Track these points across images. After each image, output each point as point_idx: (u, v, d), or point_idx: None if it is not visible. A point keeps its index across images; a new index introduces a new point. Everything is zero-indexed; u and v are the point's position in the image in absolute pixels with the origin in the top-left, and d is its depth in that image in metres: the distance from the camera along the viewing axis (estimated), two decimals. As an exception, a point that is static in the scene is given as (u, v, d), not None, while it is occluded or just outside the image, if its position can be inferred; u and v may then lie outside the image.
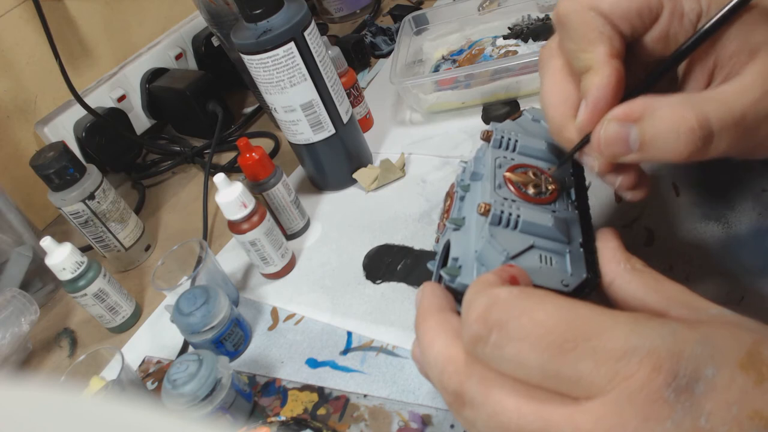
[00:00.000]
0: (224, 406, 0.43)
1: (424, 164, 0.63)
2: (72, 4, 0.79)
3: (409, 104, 0.70)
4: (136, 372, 0.53)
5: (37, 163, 0.59)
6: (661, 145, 0.28)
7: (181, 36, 0.89)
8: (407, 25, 0.76)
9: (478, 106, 0.66)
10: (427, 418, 0.41)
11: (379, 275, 0.53)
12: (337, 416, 0.43)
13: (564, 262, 0.30)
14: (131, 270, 0.67)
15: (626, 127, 0.29)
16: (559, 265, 0.30)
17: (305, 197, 0.65)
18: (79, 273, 0.54)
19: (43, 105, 0.78)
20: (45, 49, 0.72)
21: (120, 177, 0.83)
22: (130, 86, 0.84)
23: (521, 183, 0.33)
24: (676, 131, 0.28)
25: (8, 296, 0.57)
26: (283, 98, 0.56)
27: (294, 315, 0.53)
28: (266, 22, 0.53)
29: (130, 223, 0.66)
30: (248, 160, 0.55)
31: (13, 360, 0.57)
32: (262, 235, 0.53)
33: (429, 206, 0.58)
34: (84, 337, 0.61)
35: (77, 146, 0.78)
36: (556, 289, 0.29)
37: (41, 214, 0.79)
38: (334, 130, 0.59)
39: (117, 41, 0.85)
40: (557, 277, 0.29)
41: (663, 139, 0.28)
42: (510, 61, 0.61)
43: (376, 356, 0.46)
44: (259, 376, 0.48)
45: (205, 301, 0.48)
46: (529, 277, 0.28)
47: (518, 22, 0.73)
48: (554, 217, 0.31)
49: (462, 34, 0.77)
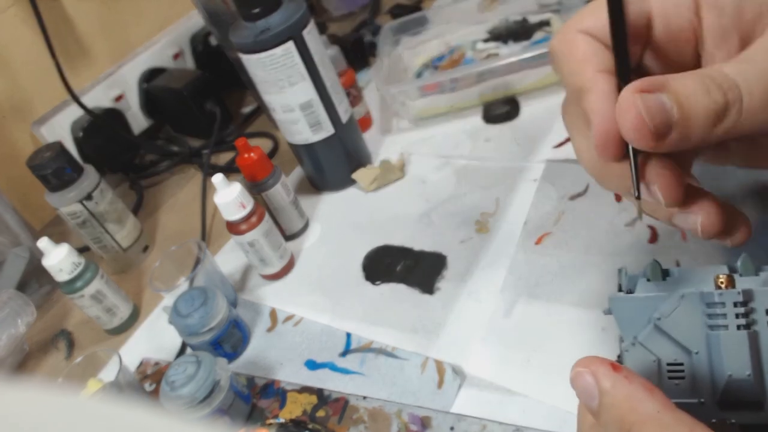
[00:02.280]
0: (222, 408, 0.43)
1: (424, 164, 0.62)
2: (69, 3, 0.79)
3: (395, 111, 0.70)
4: (134, 374, 0.53)
5: (33, 164, 0.58)
6: (698, 108, 0.25)
7: (179, 35, 0.89)
8: (387, 33, 0.76)
9: (472, 107, 0.66)
10: (427, 420, 0.40)
11: (379, 276, 0.53)
12: (337, 418, 0.43)
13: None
14: (129, 271, 0.67)
15: (657, 96, 0.25)
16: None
17: (304, 198, 0.64)
18: (76, 274, 0.53)
19: (39, 105, 0.77)
20: (41, 48, 0.72)
21: (117, 177, 0.82)
22: (127, 86, 0.83)
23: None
24: (705, 88, 0.25)
25: (5, 297, 0.56)
26: (281, 98, 0.56)
27: (293, 316, 0.52)
28: (265, 21, 0.52)
29: (128, 223, 0.65)
30: (247, 160, 0.55)
31: (9, 362, 0.57)
32: (260, 236, 0.53)
33: (429, 207, 0.57)
34: (81, 339, 0.61)
35: (74, 146, 0.77)
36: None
37: (38, 214, 0.79)
38: (333, 130, 0.59)
39: (114, 40, 0.84)
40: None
41: (697, 100, 0.25)
42: (497, 61, 0.61)
43: (375, 358, 0.46)
44: (258, 377, 0.48)
45: (204, 303, 0.48)
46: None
47: (497, 26, 0.74)
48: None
49: (441, 40, 0.77)
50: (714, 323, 0.25)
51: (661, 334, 0.26)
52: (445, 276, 0.50)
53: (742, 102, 0.25)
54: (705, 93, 0.25)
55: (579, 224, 0.49)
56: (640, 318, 0.27)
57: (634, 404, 0.23)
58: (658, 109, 0.25)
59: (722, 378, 0.24)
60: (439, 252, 0.52)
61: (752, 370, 0.24)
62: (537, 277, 0.46)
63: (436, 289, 0.49)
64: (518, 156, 0.58)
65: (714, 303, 0.25)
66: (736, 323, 0.25)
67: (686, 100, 0.25)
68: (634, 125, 0.25)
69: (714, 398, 0.25)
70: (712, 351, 0.25)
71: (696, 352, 0.25)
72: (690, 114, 0.25)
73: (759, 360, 0.24)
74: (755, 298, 0.25)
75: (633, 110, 0.25)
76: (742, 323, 0.25)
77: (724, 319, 0.25)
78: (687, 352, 0.26)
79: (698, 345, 0.25)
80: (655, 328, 0.26)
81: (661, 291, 0.27)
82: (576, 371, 0.25)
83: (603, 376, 0.24)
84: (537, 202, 0.53)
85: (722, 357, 0.24)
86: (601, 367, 0.24)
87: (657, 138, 0.25)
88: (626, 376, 0.24)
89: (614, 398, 0.23)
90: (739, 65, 0.25)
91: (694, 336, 0.25)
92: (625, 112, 0.25)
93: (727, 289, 0.25)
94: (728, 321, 0.25)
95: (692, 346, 0.25)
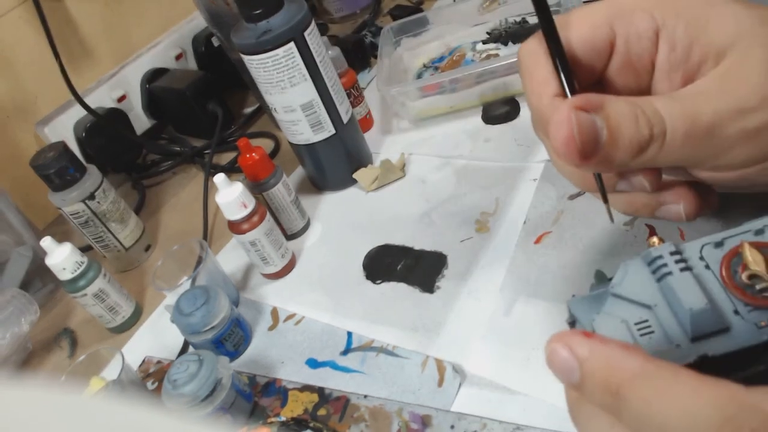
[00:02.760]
0: (224, 407, 0.43)
1: (424, 164, 0.63)
2: (72, 4, 0.79)
3: (395, 111, 0.71)
4: (137, 372, 0.53)
5: (37, 164, 0.59)
6: (625, 135, 0.26)
7: (182, 36, 0.89)
8: (388, 35, 0.76)
9: (472, 108, 0.66)
10: (427, 419, 0.40)
11: (380, 275, 0.53)
12: (338, 417, 0.43)
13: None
14: (131, 270, 0.67)
15: (591, 117, 0.26)
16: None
17: (305, 197, 0.65)
18: (79, 273, 0.54)
19: (43, 105, 0.77)
20: (45, 49, 0.72)
21: (120, 177, 0.83)
22: (130, 86, 0.84)
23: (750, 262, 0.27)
24: (635, 117, 0.26)
25: (8, 296, 0.57)
26: (283, 98, 0.56)
27: (294, 315, 0.53)
28: (266, 23, 0.53)
29: (130, 223, 0.66)
30: (248, 160, 0.55)
31: (12, 360, 0.57)
32: (262, 235, 0.53)
33: (429, 206, 0.58)
34: (84, 338, 0.61)
35: (77, 146, 0.78)
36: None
37: (41, 214, 0.79)
38: (334, 130, 0.59)
39: (117, 41, 0.85)
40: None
41: (626, 127, 0.26)
42: (497, 62, 0.62)
43: (376, 357, 0.46)
44: (260, 376, 0.48)
45: (206, 302, 0.48)
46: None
47: (496, 27, 0.75)
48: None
49: (441, 41, 0.77)
50: (660, 274, 0.27)
51: (620, 300, 0.28)
52: (445, 275, 0.50)
53: (665, 137, 0.26)
54: (634, 122, 0.26)
55: (578, 223, 0.49)
56: (598, 309, 0.29)
57: (616, 364, 0.23)
58: (588, 129, 0.26)
59: (686, 315, 0.26)
60: (440, 251, 0.52)
61: (708, 300, 0.26)
62: (536, 276, 0.47)
63: (437, 288, 0.49)
64: (518, 156, 0.59)
65: (654, 259, 0.28)
66: (678, 267, 0.27)
67: (616, 125, 0.26)
68: (564, 140, 0.26)
69: (687, 338, 0.26)
70: (669, 298, 0.27)
71: (655, 305, 0.27)
72: (617, 139, 0.26)
73: (711, 293, 0.26)
74: (685, 252, 0.28)
75: (566, 126, 0.26)
76: (683, 267, 0.27)
77: (667, 268, 0.27)
78: (648, 308, 0.27)
79: (655, 299, 0.27)
80: (613, 297, 0.28)
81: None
82: (550, 348, 0.25)
83: (578, 345, 0.24)
84: (536, 201, 0.53)
85: (679, 298, 0.26)
86: (574, 337, 0.24)
87: (583, 156, 0.27)
88: (601, 339, 0.24)
89: (594, 363, 0.23)
90: (670, 102, 0.27)
91: (648, 293, 0.28)
92: (559, 126, 0.26)
93: (660, 245, 0.28)
94: (671, 268, 0.27)
95: (650, 301, 0.27)
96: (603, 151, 0.27)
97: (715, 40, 0.28)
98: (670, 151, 0.27)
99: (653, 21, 0.29)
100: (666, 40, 0.30)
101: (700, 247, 0.28)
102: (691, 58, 0.29)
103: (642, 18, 0.30)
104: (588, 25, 0.31)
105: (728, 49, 0.27)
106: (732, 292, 0.26)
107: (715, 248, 0.28)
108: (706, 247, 0.28)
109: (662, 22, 0.29)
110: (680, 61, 0.29)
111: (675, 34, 0.29)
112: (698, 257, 0.28)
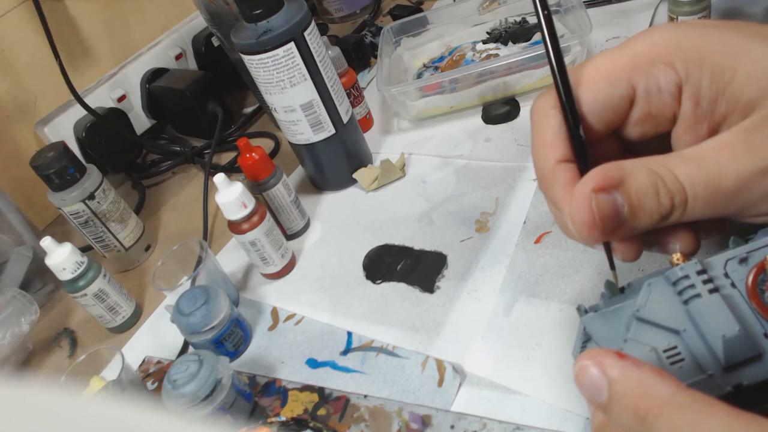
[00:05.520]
0: (224, 407, 0.43)
1: (424, 164, 0.63)
2: (72, 4, 0.79)
3: (395, 111, 0.71)
4: (137, 372, 0.53)
5: (37, 164, 0.59)
6: (647, 209, 0.26)
7: (181, 36, 0.89)
8: (388, 34, 0.76)
9: (472, 108, 0.66)
10: (427, 419, 0.41)
11: (380, 275, 0.53)
12: (338, 417, 0.43)
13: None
14: (131, 270, 0.67)
15: (612, 195, 0.26)
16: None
17: (305, 197, 0.65)
18: (79, 273, 0.54)
19: (43, 105, 0.77)
20: (45, 49, 0.72)
21: (120, 177, 0.83)
22: (130, 86, 0.84)
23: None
24: (655, 190, 0.25)
25: (8, 296, 0.57)
26: (283, 98, 0.56)
27: (294, 315, 0.53)
28: (266, 23, 0.53)
29: (130, 223, 0.66)
30: (248, 160, 0.55)
31: (13, 360, 0.57)
32: (262, 235, 0.53)
33: (429, 206, 0.58)
34: (84, 337, 0.61)
35: (77, 146, 0.78)
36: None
37: (41, 214, 0.79)
38: (334, 130, 0.59)
39: (117, 41, 0.85)
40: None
41: (648, 201, 0.26)
42: (497, 62, 0.62)
43: (376, 356, 0.46)
44: (260, 376, 0.48)
45: (206, 302, 0.48)
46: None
47: (496, 27, 0.75)
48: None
49: (441, 41, 0.77)
50: (687, 296, 0.26)
51: (645, 324, 0.26)
52: (445, 275, 0.50)
53: (686, 205, 0.26)
54: (655, 194, 0.26)
55: (578, 224, 0.49)
56: (616, 328, 0.27)
57: (647, 389, 0.22)
58: (610, 210, 0.26)
59: (718, 342, 0.25)
60: (440, 251, 0.52)
61: (740, 325, 0.25)
62: (536, 276, 0.47)
63: (437, 288, 0.49)
64: (518, 156, 0.59)
65: (679, 279, 0.26)
66: (706, 288, 0.25)
67: (638, 202, 0.26)
68: (585, 225, 0.26)
69: (719, 366, 0.25)
70: (697, 323, 0.25)
71: (684, 330, 0.26)
72: (639, 214, 0.26)
73: (741, 316, 0.25)
74: (709, 268, 0.26)
75: (587, 211, 0.26)
76: (711, 288, 0.25)
77: (695, 289, 0.25)
78: (676, 333, 0.26)
79: (683, 323, 0.26)
80: (638, 321, 0.27)
81: (624, 301, 0.28)
82: (580, 365, 0.24)
83: (609, 366, 0.23)
84: (536, 201, 0.53)
85: (708, 324, 0.25)
86: (607, 357, 0.23)
87: (605, 235, 0.26)
88: (634, 362, 0.23)
89: (624, 386, 0.22)
90: (692, 167, 0.26)
91: (675, 316, 0.26)
92: (579, 211, 0.26)
93: (684, 263, 0.26)
94: (699, 290, 0.25)
95: (678, 326, 0.26)
96: (627, 225, 0.26)
97: (743, 95, 0.26)
98: (692, 214, 0.26)
99: (675, 74, 0.28)
100: (690, 96, 0.28)
101: (723, 262, 0.26)
102: (717, 110, 0.28)
103: (663, 72, 0.28)
104: (605, 83, 0.29)
105: (757, 102, 0.26)
106: (762, 315, 0.25)
107: (740, 264, 0.26)
108: (730, 263, 0.26)
109: (685, 76, 0.28)
110: (705, 116, 0.28)
111: (700, 89, 0.28)
112: (723, 273, 0.26)
